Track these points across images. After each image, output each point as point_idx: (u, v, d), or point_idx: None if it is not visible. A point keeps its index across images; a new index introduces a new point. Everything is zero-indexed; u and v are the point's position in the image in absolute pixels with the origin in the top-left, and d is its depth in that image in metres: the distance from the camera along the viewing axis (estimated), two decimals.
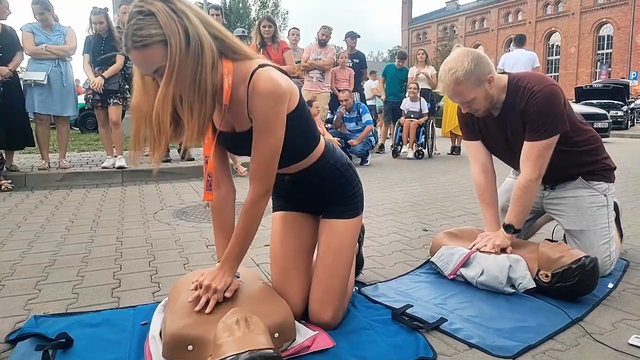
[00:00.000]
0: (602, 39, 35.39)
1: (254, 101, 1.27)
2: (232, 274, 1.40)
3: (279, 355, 1.13)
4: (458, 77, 1.80)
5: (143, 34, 1.14)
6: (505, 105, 1.92)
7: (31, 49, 4.54)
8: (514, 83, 1.90)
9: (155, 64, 1.17)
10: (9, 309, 1.69)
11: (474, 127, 2.08)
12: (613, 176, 2.07)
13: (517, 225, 1.93)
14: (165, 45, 1.15)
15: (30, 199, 3.86)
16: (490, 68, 1.86)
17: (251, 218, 1.39)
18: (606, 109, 11.83)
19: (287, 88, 1.31)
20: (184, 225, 2.97)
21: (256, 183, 1.36)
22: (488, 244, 1.92)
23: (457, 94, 1.86)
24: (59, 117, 4.80)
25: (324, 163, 1.55)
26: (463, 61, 1.80)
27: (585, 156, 2.00)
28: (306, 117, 1.46)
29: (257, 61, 1.32)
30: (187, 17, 1.18)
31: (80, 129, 11.06)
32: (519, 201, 1.92)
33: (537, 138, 1.84)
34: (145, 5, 1.15)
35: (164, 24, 1.14)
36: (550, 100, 1.82)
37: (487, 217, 2.07)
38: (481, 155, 2.11)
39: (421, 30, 51.06)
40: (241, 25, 36.03)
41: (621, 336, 1.46)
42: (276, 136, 1.32)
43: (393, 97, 7.70)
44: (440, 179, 4.96)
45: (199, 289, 1.35)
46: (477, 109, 1.91)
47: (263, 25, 5.32)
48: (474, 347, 1.41)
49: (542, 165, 1.87)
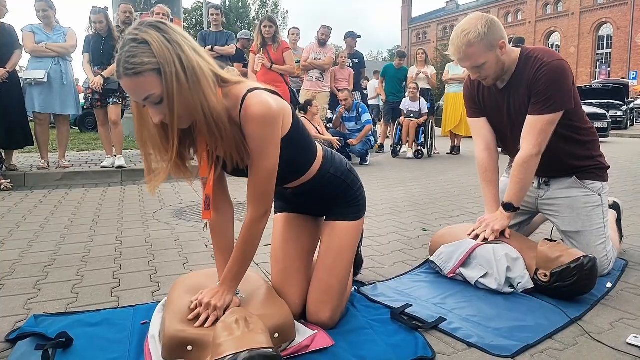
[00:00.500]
0: (601, 38, 35.41)
1: (247, 126, 1.27)
2: (231, 292, 1.39)
3: (278, 355, 1.13)
4: (470, 40, 1.78)
5: (136, 61, 1.13)
6: (514, 76, 1.89)
7: (31, 46, 4.54)
8: (526, 54, 1.88)
9: (146, 92, 1.17)
10: (8, 308, 1.70)
11: (479, 101, 2.06)
12: (606, 175, 2.06)
13: (516, 203, 1.93)
14: (157, 73, 1.15)
15: (30, 198, 3.86)
16: (503, 34, 1.83)
17: (250, 239, 1.39)
18: (605, 109, 11.85)
19: (279, 110, 1.30)
20: (184, 224, 2.97)
21: (255, 205, 1.36)
22: (487, 230, 1.92)
23: (468, 56, 1.83)
24: (59, 116, 4.80)
25: (324, 174, 1.55)
26: (477, 24, 1.78)
27: (582, 149, 1.99)
28: (302, 134, 1.45)
29: (246, 85, 1.31)
30: (180, 47, 1.18)
31: (79, 128, 11.06)
32: (518, 177, 1.90)
33: (541, 111, 1.82)
34: (140, 33, 1.15)
35: (158, 53, 1.14)
36: (559, 74, 1.80)
37: (487, 195, 2.06)
38: (485, 132, 2.09)
39: (421, 30, 51.04)
40: (240, 24, 36.05)
41: (619, 335, 1.46)
42: (271, 159, 1.32)
43: (393, 97, 7.71)
44: (439, 179, 4.97)
45: (198, 307, 1.34)
46: (487, 75, 1.88)
47: (264, 26, 5.33)
48: (472, 346, 1.41)
49: (543, 141, 1.84)
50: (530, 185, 1.98)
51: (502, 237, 1.93)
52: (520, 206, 1.97)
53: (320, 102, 6.43)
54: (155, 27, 1.17)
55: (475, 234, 1.95)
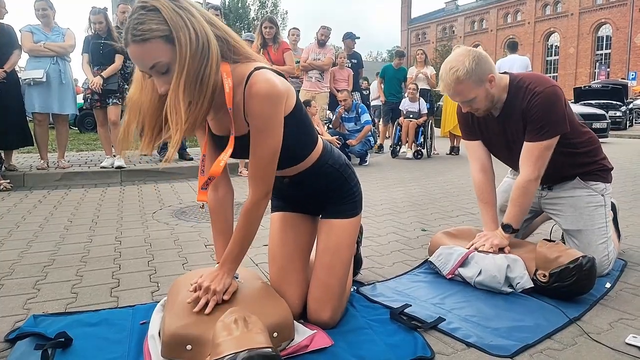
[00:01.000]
0: (601, 39, 35.45)
1: (251, 103, 1.27)
2: (231, 275, 1.40)
3: (277, 354, 1.13)
4: (459, 77, 1.80)
5: (144, 28, 1.13)
6: (506, 105, 1.92)
7: (29, 46, 4.53)
8: (516, 83, 1.90)
9: (153, 59, 1.17)
10: (8, 308, 1.70)
11: (474, 126, 2.08)
12: (610, 176, 2.07)
13: (515, 225, 1.94)
14: (166, 41, 1.15)
15: (29, 198, 3.86)
16: (492, 67, 1.86)
17: (250, 220, 1.39)
18: (605, 110, 11.86)
19: (284, 89, 1.30)
20: (183, 225, 2.97)
21: (255, 186, 1.36)
22: (486, 244, 1.93)
23: (457, 93, 1.86)
24: (58, 116, 4.80)
25: (323, 164, 1.55)
26: (464, 60, 1.80)
27: (583, 157, 2.01)
28: (303, 119, 1.45)
29: (253, 64, 1.31)
30: (191, 14, 1.18)
31: (79, 128, 11.05)
32: (518, 201, 1.93)
33: (537, 139, 1.85)
34: (150, 0, 1.15)
35: (170, 20, 1.14)
36: (552, 101, 1.82)
37: (485, 216, 2.08)
38: (480, 154, 2.11)
39: (420, 31, 51.08)
40: (240, 24, 36.05)
41: (618, 335, 1.47)
42: (274, 138, 1.31)
43: (392, 97, 7.71)
44: (438, 179, 4.97)
45: (198, 290, 1.35)
46: (478, 108, 1.91)
47: (265, 27, 5.35)
48: (471, 346, 1.41)
49: (541, 166, 1.87)
50: (529, 207, 2.01)
51: (501, 252, 1.92)
52: (519, 228, 1.98)
53: (320, 103, 6.44)
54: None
55: (474, 248, 1.96)
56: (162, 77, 1.20)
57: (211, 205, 1.50)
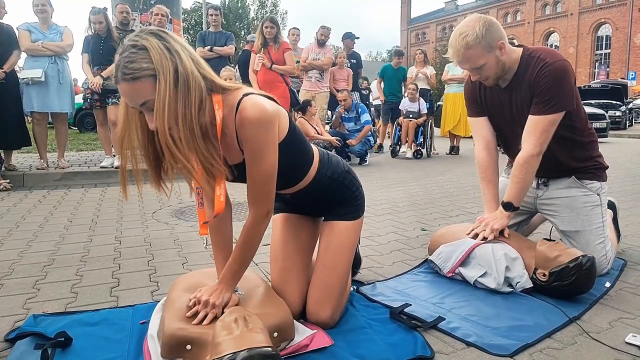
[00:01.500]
0: (600, 39, 35.45)
1: (243, 130, 1.26)
2: (230, 290, 1.39)
3: (277, 354, 1.13)
4: (468, 42, 1.78)
5: (134, 67, 1.14)
6: (516, 76, 1.89)
7: (27, 45, 4.53)
8: (528, 54, 1.88)
9: (143, 97, 1.17)
10: (7, 308, 1.69)
11: (480, 101, 2.06)
12: (605, 175, 2.06)
13: (516, 203, 1.93)
14: (154, 80, 1.15)
15: (29, 198, 3.86)
16: (502, 34, 1.83)
17: (251, 239, 1.39)
18: (604, 109, 11.87)
19: (274, 112, 1.29)
20: (183, 224, 2.97)
21: (256, 207, 1.36)
22: (487, 229, 1.92)
23: (467, 59, 1.83)
24: (57, 115, 4.80)
25: (322, 177, 1.55)
26: (474, 26, 1.78)
27: (580, 149, 1.99)
28: (298, 140, 1.45)
29: (241, 91, 1.30)
30: (179, 56, 1.18)
31: (78, 128, 11.05)
32: (519, 177, 1.90)
33: (543, 112, 1.82)
34: (140, 40, 1.16)
35: (156, 60, 1.14)
36: (561, 74, 1.80)
37: (487, 195, 2.06)
38: (485, 132, 2.09)
39: (420, 31, 51.07)
40: (240, 24, 36.05)
41: (618, 335, 1.47)
42: (269, 162, 1.31)
43: (392, 97, 7.71)
44: (438, 179, 4.97)
45: (197, 304, 1.34)
46: (487, 76, 1.88)
47: (265, 26, 5.36)
48: (471, 345, 1.41)
49: (544, 141, 1.84)
50: (530, 185, 1.98)
51: (501, 236, 1.93)
52: (520, 206, 1.97)
53: (320, 103, 6.44)
54: (156, 34, 1.18)
55: (475, 233, 1.96)
56: (152, 113, 1.19)
57: (211, 225, 1.50)
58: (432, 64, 8.67)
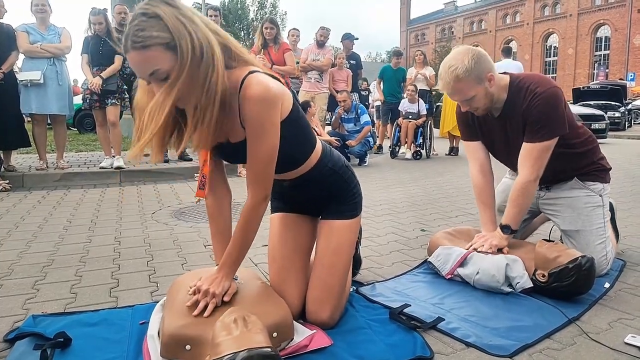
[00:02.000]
0: (599, 40, 35.51)
1: (246, 108, 1.26)
2: (230, 278, 1.39)
3: (276, 354, 1.13)
4: (458, 75, 1.80)
5: (144, 34, 1.12)
6: (507, 105, 1.92)
7: (26, 47, 4.51)
8: (516, 83, 1.90)
9: (152, 66, 1.15)
10: (7, 308, 1.69)
11: (474, 126, 2.08)
12: (608, 177, 2.07)
13: (514, 226, 1.94)
14: (166, 48, 1.14)
15: (28, 199, 3.86)
16: (491, 66, 1.86)
17: (250, 223, 1.38)
18: (604, 110, 11.87)
19: (278, 92, 1.29)
20: (182, 225, 2.97)
21: (254, 189, 1.36)
22: (485, 244, 1.93)
23: (457, 91, 1.86)
24: (55, 117, 4.79)
25: (322, 167, 1.55)
26: (463, 59, 1.80)
27: (581, 158, 2.01)
28: (301, 122, 1.44)
29: (248, 68, 1.30)
30: (193, 22, 1.17)
31: (78, 129, 11.05)
32: (516, 202, 1.93)
33: (537, 139, 1.85)
34: (151, 7, 1.14)
35: (173, 28, 1.13)
36: (552, 102, 1.82)
37: (484, 217, 2.08)
38: (480, 155, 2.11)
39: (419, 32, 51.13)
40: (239, 25, 36.05)
41: (617, 335, 1.47)
42: (270, 142, 1.31)
43: (391, 97, 7.72)
44: (437, 180, 4.97)
45: (197, 293, 1.34)
46: (477, 107, 1.91)
47: (265, 27, 5.37)
48: (471, 346, 1.41)
49: (540, 167, 1.87)
50: (528, 208, 2.01)
51: (499, 252, 1.93)
52: (517, 229, 1.98)
53: (319, 103, 6.44)
54: (166, 2, 1.16)
55: (473, 249, 1.96)
56: (161, 83, 1.18)
57: (209, 208, 1.50)
58: (432, 64, 8.66)
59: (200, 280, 1.37)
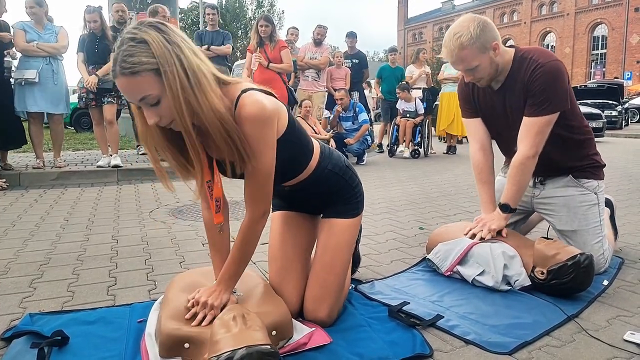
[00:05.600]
0: (596, 39, 35.60)
1: (241, 127, 1.24)
2: (229, 291, 1.38)
3: (275, 351, 1.12)
4: (462, 42, 1.77)
5: (133, 60, 1.10)
6: (509, 77, 1.89)
7: (22, 45, 4.48)
8: (520, 54, 1.87)
9: (143, 92, 1.14)
10: (4, 307, 1.68)
11: (474, 102, 2.05)
12: (602, 173, 2.06)
13: (513, 205, 1.93)
14: (155, 74, 1.12)
15: (25, 197, 3.84)
16: (496, 35, 1.82)
17: (248, 240, 1.37)
18: (601, 109, 11.90)
19: (274, 110, 1.28)
20: (180, 223, 2.96)
21: (253, 206, 1.34)
22: (484, 229, 1.92)
23: (461, 59, 1.82)
24: (52, 115, 4.77)
25: (322, 170, 1.54)
26: (469, 26, 1.77)
27: (577, 147, 1.99)
28: (298, 134, 1.43)
29: (241, 86, 1.28)
30: (180, 48, 1.16)
31: (75, 128, 11.01)
32: (515, 179, 1.90)
33: (538, 113, 1.82)
34: (139, 32, 1.13)
35: (158, 54, 1.11)
36: (555, 75, 1.80)
37: (483, 196, 2.06)
38: (480, 133, 2.08)
39: (417, 30, 51.14)
40: (237, 24, 35.99)
41: (616, 332, 1.47)
42: (267, 160, 1.29)
43: (391, 95, 7.72)
44: (436, 178, 4.97)
45: (195, 305, 1.33)
46: (481, 77, 1.87)
47: (260, 25, 5.34)
48: (470, 343, 1.41)
49: (540, 142, 1.84)
50: (527, 186, 1.98)
51: (499, 236, 1.93)
52: (517, 207, 1.97)
53: (316, 102, 6.44)
54: (155, 27, 1.15)
55: (472, 233, 1.95)
56: (152, 108, 1.17)
57: (206, 224, 1.48)
58: (429, 63, 8.67)
59: (199, 292, 1.36)
